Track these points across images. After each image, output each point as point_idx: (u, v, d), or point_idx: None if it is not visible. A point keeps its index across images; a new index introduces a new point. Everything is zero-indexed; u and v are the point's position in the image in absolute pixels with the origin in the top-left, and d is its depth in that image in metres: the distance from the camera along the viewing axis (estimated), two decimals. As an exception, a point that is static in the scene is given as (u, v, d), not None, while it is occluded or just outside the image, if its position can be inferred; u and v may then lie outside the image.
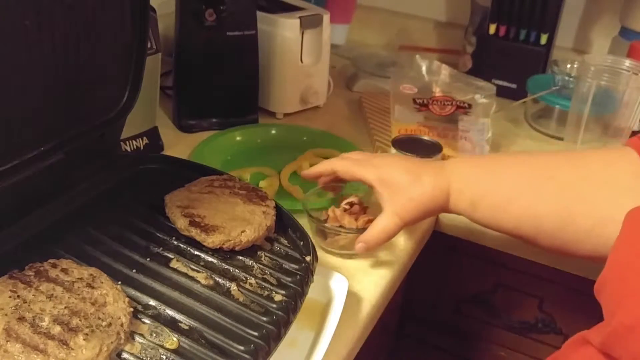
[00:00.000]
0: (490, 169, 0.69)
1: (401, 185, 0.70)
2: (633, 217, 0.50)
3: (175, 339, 0.50)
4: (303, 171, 0.81)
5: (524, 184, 0.66)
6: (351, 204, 0.76)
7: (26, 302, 0.48)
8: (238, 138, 1.00)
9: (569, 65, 1.14)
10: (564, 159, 0.66)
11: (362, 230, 0.73)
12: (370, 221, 0.74)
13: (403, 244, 0.80)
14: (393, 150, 0.84)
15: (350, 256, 0.75)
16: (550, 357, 0.57)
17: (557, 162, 0.66)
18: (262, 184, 0.87)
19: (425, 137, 0.87)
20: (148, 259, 0.59)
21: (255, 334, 0.52)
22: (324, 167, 0.76)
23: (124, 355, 0.48)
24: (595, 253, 0.61)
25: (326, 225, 0.74)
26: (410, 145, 0.84)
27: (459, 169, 0.70)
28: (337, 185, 0.79)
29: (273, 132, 1.03)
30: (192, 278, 0.57)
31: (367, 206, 0.77)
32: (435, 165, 0.72)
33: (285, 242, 0.65)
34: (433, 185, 0.69)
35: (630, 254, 0.49)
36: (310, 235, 0.64)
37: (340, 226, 0.74)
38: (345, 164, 0.74)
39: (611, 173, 0.61)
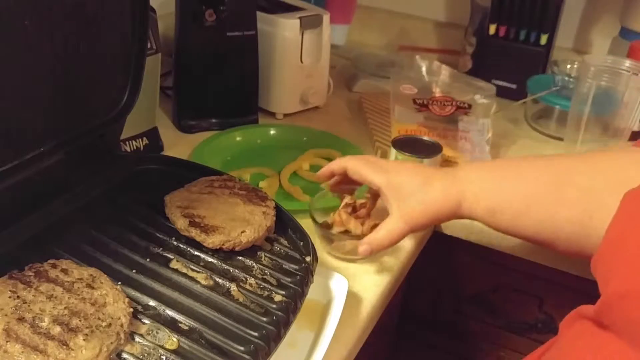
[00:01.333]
0: (506, 175, 0.68)
1: (410, 190, 0.69)
2: (629, 197, 0.51)
3: (175, 339, 0.50)
4: (316, 174, 0.79)
5: (543, 190, 0.64)
6: (350, 206, 0.76)
7: (26, 303, 0.48)
8: (238, 138, 1.00)
9: (569, 66, 1.15)
10: (582, 164, 0.65)
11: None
12: (376, 225, 0.74)
13: (403, 244, 0.80)
14: (393, 151, 0.84)
15: (356, 260, 0.75)
16: (549, 342, 0.57)
17: (577, 168, 0.65)
18: (262, 184, 0.87)
19: (425, 138, 0.87)
20: (148, 260, 0.59)
21: (255, 334, 0.52)
22: (336, 165, 0.75)
23: (124, 355, 0.48)
24: None
25: (331, 232, 0.74)
26: (410, 146, 0.84)
27: (474, 174, 0.69)
28: (348, 188, 0.78)
29: (273, 132, 1.03)
30: (192, 278, 0.57)
31: (364, 206, 0.77)
32: (446, 172, 0.71)
33: (285, 242, 0.65)
34: (443, 190, 0.68)
35: (625, 230, 0.50)
36: (315, 239, 0.64)
37: (346, 231, 0.74)
38: (356, 164, 0.73)
39: (630, 176, 0.60)
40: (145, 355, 0.49)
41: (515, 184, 0.66)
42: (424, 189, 0.68)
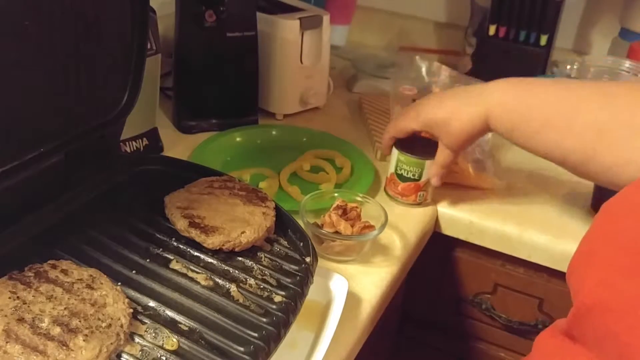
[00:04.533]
0: (526, 99, 0.73)
1: (442, 123, 0.79)
2: (604, 209, 0.52)
3: (175, 340, 0.50)
4: (383, 154, 0.91)
5: (556, 117, 0.70)
6: (341, 208, 0.76)
7: (26, 303, 0.48)
8: (238, 139, 1.00)
9: (568, 66, 1.15)
10: (602, 97, 0.68)
11: (356, 236, 0.73)
12: (366, 227, 0.74)
13: (403, 244, 0.80)
14: (395, 150, 0.84)
15: (345, 262, 0.75)
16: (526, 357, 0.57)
17: (590, 98, 0.69)
18: (262, 184, 0.87)
19: (426, 137, 0.87)
20: (148, 260, 0.59)
21: (255, 335, 0.52)
22: (386, 140, 0.86)
23: (124, 356, 0.48)
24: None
25: (322, 230, 0.74)
26: (411, 145, 0.84)
27: (497, 92, 0.75)
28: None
29: (273, 133, 1.03)
30: (191, 279, 0.57)
31: (355, 209, 0.77)
32: (471, 94, 0.78)
33: (285, 243, 0.65)
34: (469, 117, 0.76)
35: (596, 241, 0.51)
36: (310, 237, 0.64)
37: (336, 232, 0.74)
38: (394, 126, 0.85)
39: (638, 115, 0.64)
40: (145, 355, 0.49)
41: (531, 108, 0.72)
42: (452, 122, 0.78)
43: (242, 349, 0.50)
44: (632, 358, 0.42)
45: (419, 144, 0.85)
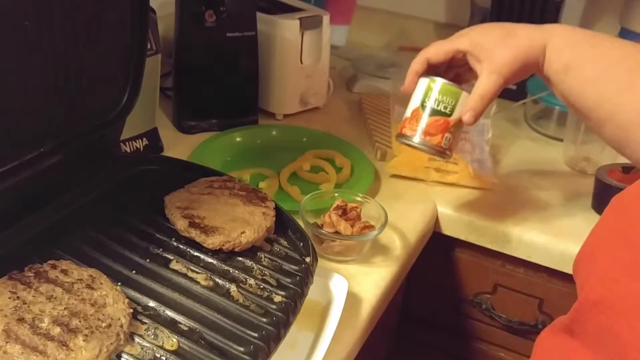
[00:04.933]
0: (592, 42, 0.68)
1: (495, 41, 0.69)
2: (615, 203, 0.51)
3: (174, 340, 0.50)
4: (405, 87, 0.74)
5: (619, 69, 0.65)
6: (341, 208, 0.76)
7: (26, 303, 0.48)
8: (238, 139, 1.00)
9: (568, 66, 1.14)
10: None
11: (356, 237, 0.73)
12: (366, 227, 0.74)
13: (403, 244, 0.80)
14: (424, 79, 0.73)
15: (345, 262, 0.75)
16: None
17: None
18: (262, 184, 0.87)
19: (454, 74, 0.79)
20: (148, 260, 0.59)
21: (255, 335, 0.52)
22: (417, 63, 0.74)
23: (124, 356, 0.48)
24: None
25: (322, 231, 0.74)
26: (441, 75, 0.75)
27: (562, 29, 0.69)
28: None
29: (273, 133, 1.03)
30: (191, 279, 0.57)
31: (354, 209, 0.77)
32: (531, 25, 0.71)
33: (285, 243, 0.65)
34: (529, 36, 0.68)
35: (604, 236, 0.50)
36: (310, 237, 0.64)
37: (336, 232, 0.74)
38: (434, 46, 0.73)
39: None
40: (145, 355, 0.49)
41: (597, 52, 0.66)
42: (508, 38, 0.69)
43: (242, 349, 0.50)
44: (631, 357, 0.42)
45: (451, 76, 0.75)
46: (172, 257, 0.60)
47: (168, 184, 0.68)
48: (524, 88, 1.15)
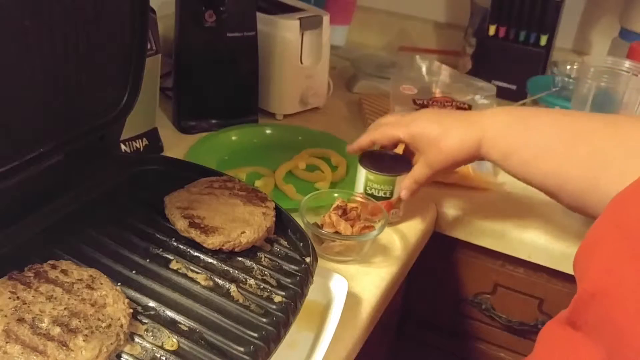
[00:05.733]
0: (526, 123, 0.71)
1: (430, 142, 0.75)
2: (614, 201, 0.52)
3: (174, 340, 0.50)
4: (348, 147, 0.83)
5: (556, 143, 0.67)
6: (341, 209, 0.76)
7: (26, 304, 0.48)
8: (234, 138, 1.00)
9: (568, 67, 1.14)
10: (600, 123, 0.67)
11: (356, 237, 0.73)
12: (366, 227, 0.74)
13: (403, 244, 0.80)
14: (362, 170, 0.80)
15: (345, 262, 0.75)
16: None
17: (593, 126, 0.67)
18: (258, 183, 0.87)
19: (392, 152, 0.83)
20: (148, 260, 0.59)
21: (255, 335, 0.52)
22: (364, 141, 0.81)
23: (124, 356, 0.48)
24: None
25: (322, 231, 0.74)
26: (378, 161, 0.80)
27: (494, 120, 0.72)
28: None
29: (269, 131, 1.03)
30: (191, 279, 0.57)
31: (355, 209, 0.77)
32: (468, 117, 0.76)
33: (285, 243, 0.65)
34: (461, 138, 0.73)
35: (603, 230, 0.50)
36: (309, 237, 0.64)
37: (336, 232, 0.74)
38: (380, 132, 0.80)
39: None
40: (145, 356, 0.49)
41: (531, 133, 0.69)
42: (442, 139, 0.74)
43: (242, 349, 0.50)
44: (628, 344, 0.42)
45: (387, 160, 0.81)
46: (172, 257, 0.60)
47: (168, 184, 0.68)
48: (524, 88, 1.15)
